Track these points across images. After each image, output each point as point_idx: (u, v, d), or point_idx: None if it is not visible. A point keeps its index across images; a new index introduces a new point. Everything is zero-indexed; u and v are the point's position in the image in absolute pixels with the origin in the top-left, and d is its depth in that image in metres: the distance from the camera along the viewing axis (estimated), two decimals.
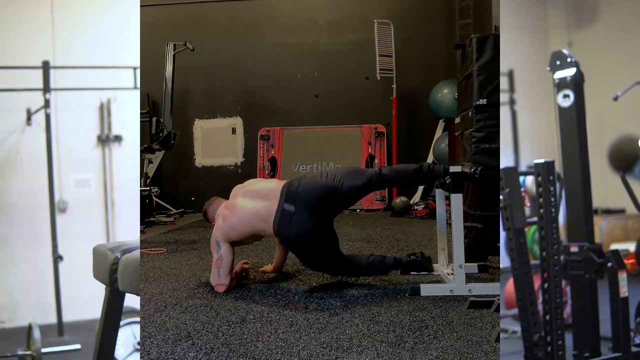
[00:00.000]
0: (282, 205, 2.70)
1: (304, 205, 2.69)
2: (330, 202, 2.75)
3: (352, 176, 2.79)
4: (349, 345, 2.02)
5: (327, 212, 2.78)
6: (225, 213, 2.89)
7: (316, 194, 2.72)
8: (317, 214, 2.71)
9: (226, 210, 2.90)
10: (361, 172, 2.85)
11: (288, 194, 2.73)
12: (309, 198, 2.70)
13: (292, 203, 2.69)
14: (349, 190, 2.76)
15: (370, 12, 7.55)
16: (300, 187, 2.73)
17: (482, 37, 3.41)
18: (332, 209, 2.81)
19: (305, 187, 2.74)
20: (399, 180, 2.99)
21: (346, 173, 2.80)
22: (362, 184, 2.79)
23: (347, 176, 2.77)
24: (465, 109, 3.58)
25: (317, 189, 2.73)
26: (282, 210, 2.69)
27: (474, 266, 3.19)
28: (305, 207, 2.69)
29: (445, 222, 3.19)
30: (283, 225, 2.70)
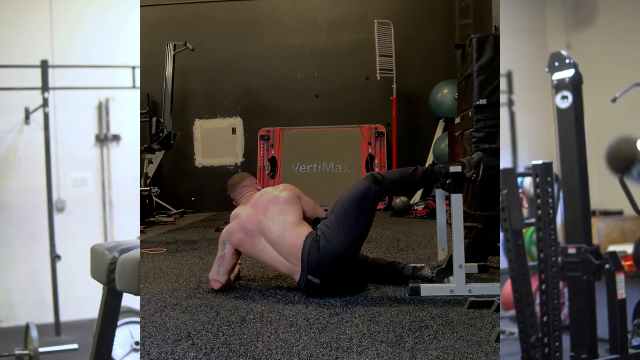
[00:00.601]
0: (306, 276, 2.69)
1: (327, 278, 2.69)
2: (353, 255, 2.76)
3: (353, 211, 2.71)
4: (349, 345, 2.02)
5: (352, 261, 2.78)
6: (241, 229, 2.85)
7: (340, 262, 2.69)
8: (342, 276, 2.74)
9: (244, 227, 2.84)
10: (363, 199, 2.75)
11: (310, 267, 2.67)
12: (333, 272, 2.70)
13: (316, 275, 2.68)
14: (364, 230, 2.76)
15: (370, 12, 7.55)
16: (322, 257, 2.66)
17: (482, 37, 3.41)
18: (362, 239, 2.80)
19: (327, 257, 2.66)
20: (399, 188, 2.93)
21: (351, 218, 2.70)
22: (361, 209, 2.73)
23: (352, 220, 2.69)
24: (465, 109, 3.58)
25: (338, 260, 2.68)
26: (307, 280, 2.70)
27: (474, 266, 3.20)
28: (329, 278, 2.70)
29: (445, 222, 3.19)
30: (308, 289, 2.74)
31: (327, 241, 2.65)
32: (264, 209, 2.82)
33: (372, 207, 2.76)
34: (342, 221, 2.68)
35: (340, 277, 2.73)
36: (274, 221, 2.77)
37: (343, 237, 2.65)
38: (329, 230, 2.68)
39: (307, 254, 2.66)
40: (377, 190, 2.74)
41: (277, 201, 2.83)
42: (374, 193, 2.74)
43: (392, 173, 2.97)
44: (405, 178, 2.84)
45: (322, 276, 2.67)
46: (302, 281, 2.70)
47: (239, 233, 2.83)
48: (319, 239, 2.67)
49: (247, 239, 2.81)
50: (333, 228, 2.68)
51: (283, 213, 2.79)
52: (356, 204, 2.72)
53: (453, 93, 6.34)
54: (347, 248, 2.68)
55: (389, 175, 2.86)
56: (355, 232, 2.69)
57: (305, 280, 2.69)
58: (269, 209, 2.81)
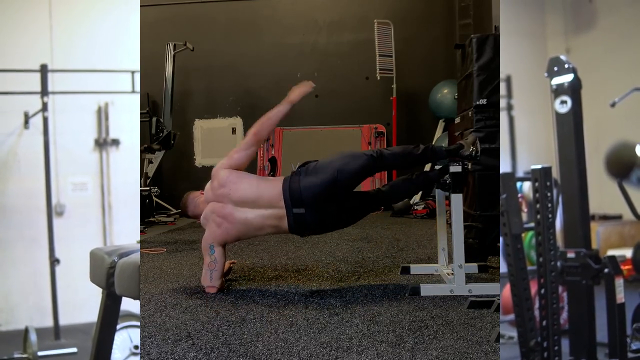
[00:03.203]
0: (291, 211, 2.75)
1: (312, 206, 2.75)
2: (334, 193, 2.78)
3: (348, 164, 2.79)
4: (349, 345, 2.03)
5: (335, 198, 2.81)
6: (219, 221, 2.85)
7: (321, 194, 2.75)
8: (327, 206, 2.78)
9: (219, 218, 2.85)
10: (357, 157, 2.85)
11: (293, 199, 2.74)
12: (315, 199, 2.74)
13: (300, 206, 2.74)
14: (348, 179, 2.79)
15: (370, 12, 7.54)
16: (303, 189, 2.74)
17: (482, 37, 3.41)
18: (339, 195, 2.83)
19: (307, 189, 2.74)
20: (399, 161, 2.95)
21: (341, 162, 2.80)
22: (359, 170, 2.81)
23: (343, 166, 2.78)
24: (465, 109, 3.58)
25: (318, 188, 2.74)
26: (293, 215, 2.75)
27: (474, 266, 3.20)
28: (314, 207, 2.75)
29: (445, 222, 3.20)
30: (299, 225, 2.79)
31: (306, 177, 2.77)
32: (223, 194, 2.86)
33: (362, 168, 2.82)
34: (325, 165, 2.79)
35: (326, 208, 2.78)
36: (240, 189, 2.83)
37: (324, 174, 2.75)
38: (309, 170, 2.81)
39: (288, 190, 2.76)
40: (373, 158, 2.82)
41: (226, 180, 2.86)
42: (369, 159, 2.82)
43: (395, 148, 3.05)
44: (407, 151, 2.91)
45: (305, 206, 2.74)
46: (290, 219, 2.76)
47: (220, 226, 2.84)
48: (298, 177, 2.79)
49: (229, 225, 2.83)
50: (313, 169, 2.80)
51: (241, 178, 2.86)
52: (347, 157, 2.84)
53: (453, 93, 6.34)
54: (327, 184, 2.75)
55: (391, 148, 2.96)
56: (338, 175, 2.76)
57: (292, 216, 2.75)
58: (226, 188, 2.85)
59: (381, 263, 3.59)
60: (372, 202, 2.97)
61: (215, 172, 2.92)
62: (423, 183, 3.04)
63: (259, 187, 2.83)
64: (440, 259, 3.20)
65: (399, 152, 2.92)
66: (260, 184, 2.85)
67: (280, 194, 2.76)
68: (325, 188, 2.74)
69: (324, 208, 2.77)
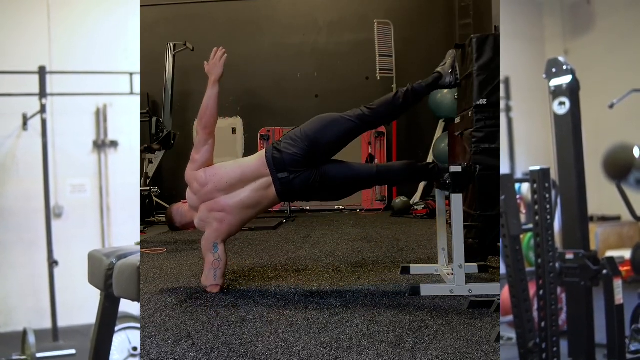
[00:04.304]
0: (277, 176, 2.82)
1: (295, 171, 2.82)
2: (316, 154, 2.84)
3: (327, 130, 2.86)
4: (349, 345, 2.03)
5: (319, 159, 2.87)
6: (219, 216, 2.87)
7: (302, 157, 2.81)
8: (310, 168, 2.84)
9: (219, 213, 2.87)
10: (336, 123, 2.89)
11: (276, 163, 2.82)
12: (297, 163, 2.81)
13: (284, 170, 2.82)
14: (331, 141, 2.87)
15: (370, 12, 7.54)
16: (285, 156, 2.82)
17: (482, 37, 3.41)
18: (323, 155, 2.89)
19: (288, 156, 2.81)
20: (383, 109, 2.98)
21: (320, 128, 2.86)
22: (342, 134, 2.89)
23: (322, 130, 2.85)
24: (465, 109, 3.58)
25: (299, 153, 2.81)
26: (279, 180, 2.82)
27: (474, 266, 3.20)
28: (296, 171, 2.82)
29: (445, 222, 3.19)
30: (285, 190, 2.85)
31: (285, 146, 2.84)
32: (209, 191, 2.88)
33: (345, 130, 2.89)
34: (307, 130, 2.85)
35: (310, 174, 2.83)
36: (224, 176, 2.87)
37: (302, 142, 2.82)
38: (287, 139, 2.87)
39: (271, 158, 2.84)
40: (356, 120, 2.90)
41: (205, 177, 2.89)
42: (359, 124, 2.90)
43: (374, 103, 3.04)
44: (388, 101, 2.96)
45: (288, 170, 2.81)
46: (277, 184, 2.83)
47: (223, 221, 2.87)
48: (279, 145, 2.86)
49: (230, 216, 2.86)
50: (291, 137, 2.86)
51: (219, 168, 2.91)
52: (328, 121, 2.90)
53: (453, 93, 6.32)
54: (308, 148, 2.81)
55: (371, 105, 2.99)
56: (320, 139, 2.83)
57: (278, 181, 2.82)
58: (209, 183, 2.88)
59: (381, 263, 3.60)
60: (363, 173, 2.99)
61: (190, 177, 2.94)
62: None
63: (241, 165, 2.91)
64: (440, 259, 3.20)
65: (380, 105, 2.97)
66: (241, 163, 2.94)
67: (264, 162, 2.84)
68: (308, 151, 2.81)
69: (307, 174, 2.83)
